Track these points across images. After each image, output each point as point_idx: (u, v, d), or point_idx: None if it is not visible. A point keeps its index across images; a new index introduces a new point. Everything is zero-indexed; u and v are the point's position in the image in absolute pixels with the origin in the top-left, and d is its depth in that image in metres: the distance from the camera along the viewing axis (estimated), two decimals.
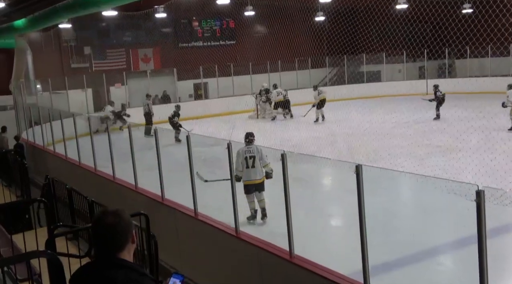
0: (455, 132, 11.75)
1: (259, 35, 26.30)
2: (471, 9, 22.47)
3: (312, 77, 27.59)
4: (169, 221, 7.35)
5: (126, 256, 2.23)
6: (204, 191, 7.65)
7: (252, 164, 7.84)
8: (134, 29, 25.14)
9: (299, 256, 5.16)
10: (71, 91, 21.28)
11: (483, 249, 3.55)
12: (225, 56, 25.28)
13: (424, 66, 27.83)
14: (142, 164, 8.82)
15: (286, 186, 5.25)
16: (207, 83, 25.60)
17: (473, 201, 3.56)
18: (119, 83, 23.61)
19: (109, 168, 9.52)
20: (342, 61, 27.64)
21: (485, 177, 8.17)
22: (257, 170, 7.89)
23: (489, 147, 11.31)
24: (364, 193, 4.39)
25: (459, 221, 6.79)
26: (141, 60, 25.92)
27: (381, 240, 6.52)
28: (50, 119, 13.34)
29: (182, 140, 15.52)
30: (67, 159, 11.79)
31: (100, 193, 8.79)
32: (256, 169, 7.87)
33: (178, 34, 26.78)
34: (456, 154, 9.83)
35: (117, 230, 2.20)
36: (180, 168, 7.82)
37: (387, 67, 28.01)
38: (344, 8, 21.07)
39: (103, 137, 9.79)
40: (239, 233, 5.92)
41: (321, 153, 11.71)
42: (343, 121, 15.94)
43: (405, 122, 17.04)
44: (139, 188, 8.41)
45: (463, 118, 13.33)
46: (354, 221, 4.50)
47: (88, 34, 24.31)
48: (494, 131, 11.62)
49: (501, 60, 25.23)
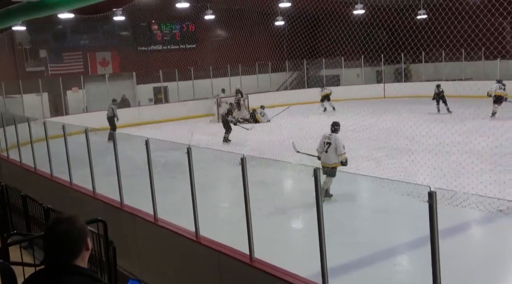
0: (410, 134, 12.10)
1: (220, 39, 26.31)
2: (425, 15, 23.17)
3: (272, 81, 27.81)
4: (128, 226, 7.25)
5: (80, 263, 2.19)
6: (164, 196, 7.58)
7: (326, 150, 8.86)
8: (92, 32, 24.70)
9: (259, 260, 5.17)
10: (26, 95, 20.71)
11: (436, 249, 3.66)
12: (185, 60, 25.16)
13: (381, 70, 28.49)
14: (102, 169, 8.67)
15: (245, 189, 5.26)
16: (167, 87, 25.42)
17: (426, 202, 3.67)
18: (76, 87, 23.13)
19: (66, 174, 9.30)
20: (302, 65, 27.97)
21: (437, 178, 8.45)
22: (329, 156, 8.82)
23: (440, 149, 11.70)
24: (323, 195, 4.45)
25: (415, 222, 6.98)
26: (99, 64, 25.46)
27: (340, 242, 6.64)
28: (3, 124, 12.94)
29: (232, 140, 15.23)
30: (21, 165, 11.45)
31: (57, 200, 8.57)
32: (328, 155, 8.82)
33: (137, 38, 26.47)
34: (409, 156, 10.12)
35: (70, 237, 2.16)
36: (140, 173, 7.74)
37: (346, 71, 28.52)
38: (304, 13, 21.36)
39: (59, 141, 9.55)
40: (199, 238, 5.89)
41: (282, 157, 11.82)
42: (303, 124, 16.10)
43: (363, 125, 17.39)
44: (97, 194, 8.25)
45: (417, 121, 13.72)
46: (314, 224, 4.56)
47: (44, 37, 23.68)
48: (445, 134, 12.01)
49: (454, 64, 26.10)
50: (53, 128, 10.01)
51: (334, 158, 8.80)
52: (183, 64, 24.80)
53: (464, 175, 9.30)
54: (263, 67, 27.29)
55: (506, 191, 7.84)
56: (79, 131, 9.07)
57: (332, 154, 8.80)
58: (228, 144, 15.67)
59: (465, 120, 14.25)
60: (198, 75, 25.25)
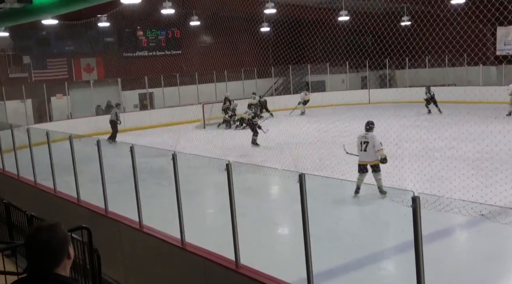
0: (394, 139, 12.19)
1: (205, 45, 26.32)
2: (409, 21, 23.43)
3: (258, 87, 27.87)
4: (113, 234, 7.19)
5: (62, 272, 2.16)
6: (149, 202, 7.54)
7: (365, 148, 9.36)
8: (76, 38, 24.51)
9: (245, 266, 5.17)
10: (9, 102, 20.49)
11: (420, 253, 3.68)
12: (170, 66, 25.12)
13: (366, 76, 28.71)
14: (86, 176, 8.59)
15: (231, 195, 5.26)
16: (153, 93, 25.34)
17: (410, 207, 3.70)
18: (61, 94, 22.94)
19: (50, 181, 9.21)
20: (288, 71, 28.07)
21: (421, 183, 8.51)
22: (369, 153, 9.30)
23: (423, 154, 11.81)
24: (308, 200, 4.47)
25: (400, 227, 7.03)
26: (83, 70, 25.28)
27: (326, 247, 6.65)
28: None
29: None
30: (4, 172, 11.31)
31: (40, 207, 8.48)
32: (367, 153, 9.31)
33: (122, 44, 26.36)
34: (393, 161, 10.20)
35: (51, 245, 2.13)
36: (125, 179, 7.69)
37: (331, 77, 28.69)
38: (289, 19, 21.48)
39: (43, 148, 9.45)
40: (185, 244, 5.87)
41: (268, 163, 11.83)
42: (288, 130, 16.14)
43: (348, 130, 17.46)
44: (82, 201, 8.18)
45: (401, 126, 13.84)
46: (299, 229, 4.57)
47: (27, 43, 23.46)
48: (429, 139, 12.14)
49: (438, 70, 26.42)
50: (37, 134, 9.91)
51: (373, 155, 9.30)
52: (169, 70, 24.76)
53: (447, 180, 9.40)
54: (249, 73, 27.35)
55: (488, 195, 7.93)
56: (63, 138, 8.99)
57: (371, 151, 9.31)
58: (257, 147, 15.61)
59: (448, 125, 14.41)
60: (183, 81, 25.21)
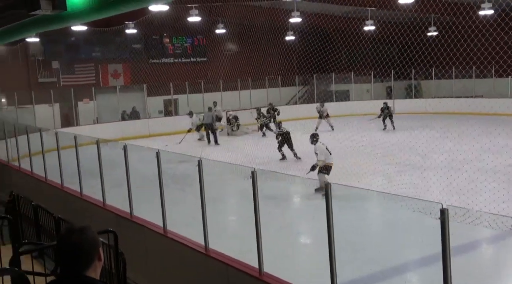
0: (422, 151, 12.04)
1: (230, 53, 26.48)
2: (436, 32, 23.21)
3: (282, 95, 27.88)
4: (138, 238, 7.25)
5: (92, 274, 2.19)
6: (172, 208, 7.59)
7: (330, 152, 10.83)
8: (104, 44, 24.96)
9: (268, 274, 5.16)
10: (38, 106, 20.91)
11: (447, 266, 3.63)
12: (195, 73, 25.33)
13: (391, 86, 28.46)
14: (111, 180, 8.70)
15: (256, 203, 5.27)
16: (177, 99, 25.55)
17: (438, 219, 3.65)
18: (88, 98, 23.32)
19: (77, 184, 9.35)
20: (312, 80, 28.02)
21: (449, 195, 8.38)
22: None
23: (453, 166, 11.61)
24: (333, 210, 4.44)
25: (426, 239, 6.92)
26: (110, 76, 25.69)
27: (349, 258, 6.59)
28: (15, 134, 13.06)
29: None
30: (33, 175, 11.53)
31: (67, 210, 8.61)
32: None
33: (148, 50, 26.72)
34: (422, 173, 10.07)
35: (83, 248, 2.16)
36: (149, 184, 7.76)
37: (355, 87, 28.51)
38: (314, 28, 21.49)
39: (70, 152, 9.60)
40: (209, 250, 5.89)
41: (290, 171, 11.80)
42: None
43: (374, 140, 17.32)
44: (107, 205, 8.28)
45: (429, 138, 13.66)
46: (322, 239, 4.54)
47: (57, 48, 23.98)
48: (458, 151, 11.93)
49: (465, 81, 26.02)
50: (64, 138, 10.09)
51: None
52: (194, 77, 24.96)
53: (477, 192, 9.21)
54: (273, 81, 27.38)
55: None
56: (89, 142, 9.13)
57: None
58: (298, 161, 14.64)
59: (479, 137, 14.10)
60: (208, 88, 25.37)
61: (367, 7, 21.41)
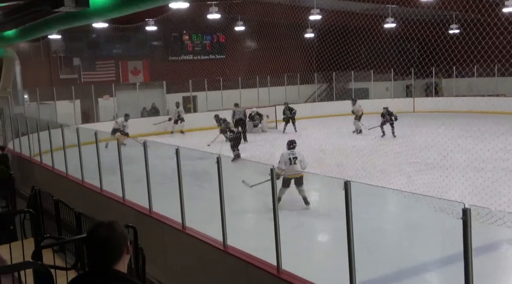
0: (443, 150, 11.87)
1: (249, 50, 26.44)
2: (458, 29, 22.87)
3: (301, 93, 27.79)
4: (157, 234, 7.30)
5: (121, 267, 2.24)
6: (191, 204, 7.63)
7: (294, 162, 9.67)
8: (124, 41, 25.16)
9: (286, 271, 5.15)
10: (59, 102, 21.18)
11: (469, 267, 3.58)
12: (214, 70, 25.40)
13: (411, 84, 28.16)
14: (129, 176, 8.77)
15: (274, 201, 5.27)
16: (196, 96, 25.64)
17: (460, 219, 3.60)
18: (108, 95, 23.55)
19: (96, 180, 9.45)
20: (331, 78, 27.86)
21: (471, 195, 8.26)
22: (296, 167, 9.63)
23: (476, 166, 11.44)
24: (352, 209, 4.41)
25: (446, 239, 6.84)
26: (130, 72, 25.91)
27: (368, 257, 6.55)
28: (37, 129, 13.24)
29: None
30: (54, 170, 11.69)
31: (87, 205, 8.71)
32: (296, 166, 9.64)
33: (168, 47, 26.86)
34: (443, 172, 9.92)
35: (112, 242, 2.21)
36: (168, 181, 7.81)
37: (375, 85, 28.26)
38: (334, 26, 21.34)
39: (90, 148, 9.71)
40: (227, 247, 5.90)
41: (309, 169, 11.74)
42: (332, 137, 16.01)
43: (394, 139, 17.17)
44: (127, 201, 8.35)
45: (451, 137, 13.47)
46: (341, 237, 4.52)
47: (78, 45, 24.25)
48: (481, 150, 11.75)
49: (487, 80, 25.61)
50: (85, 134, 10.20)
51: (299, 169, 9.77)
52: (213, 74, 25.04)
53: (500, 192, 9.05)
54: (291, 79, 27.31)
55: None
56: (109, 138, 9.24)
57: (298, 166, 9.74)
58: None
59: (501, 137, 13.87)
60: (227, 85, 25.42)
61: (387, 4, 21.21)
